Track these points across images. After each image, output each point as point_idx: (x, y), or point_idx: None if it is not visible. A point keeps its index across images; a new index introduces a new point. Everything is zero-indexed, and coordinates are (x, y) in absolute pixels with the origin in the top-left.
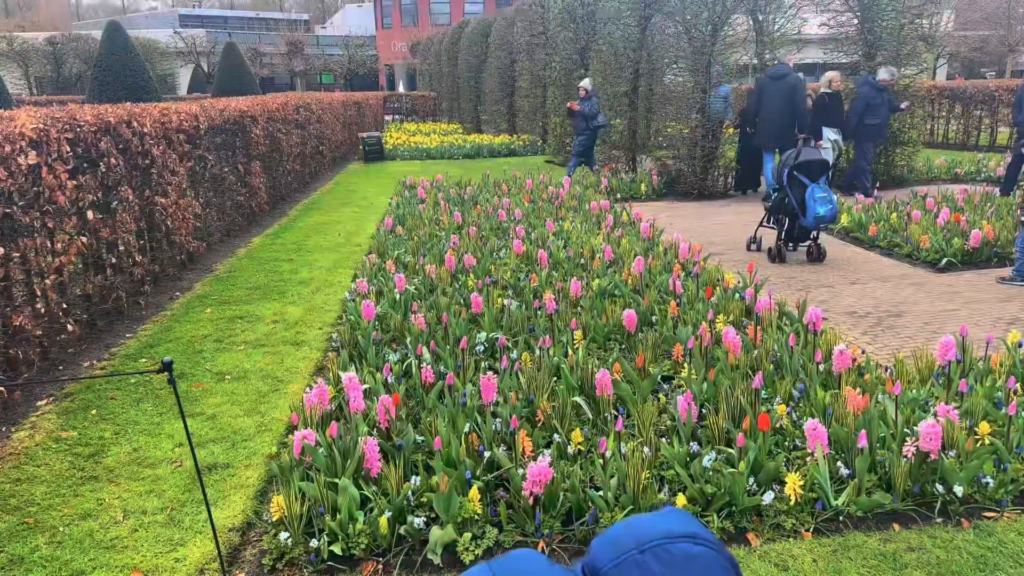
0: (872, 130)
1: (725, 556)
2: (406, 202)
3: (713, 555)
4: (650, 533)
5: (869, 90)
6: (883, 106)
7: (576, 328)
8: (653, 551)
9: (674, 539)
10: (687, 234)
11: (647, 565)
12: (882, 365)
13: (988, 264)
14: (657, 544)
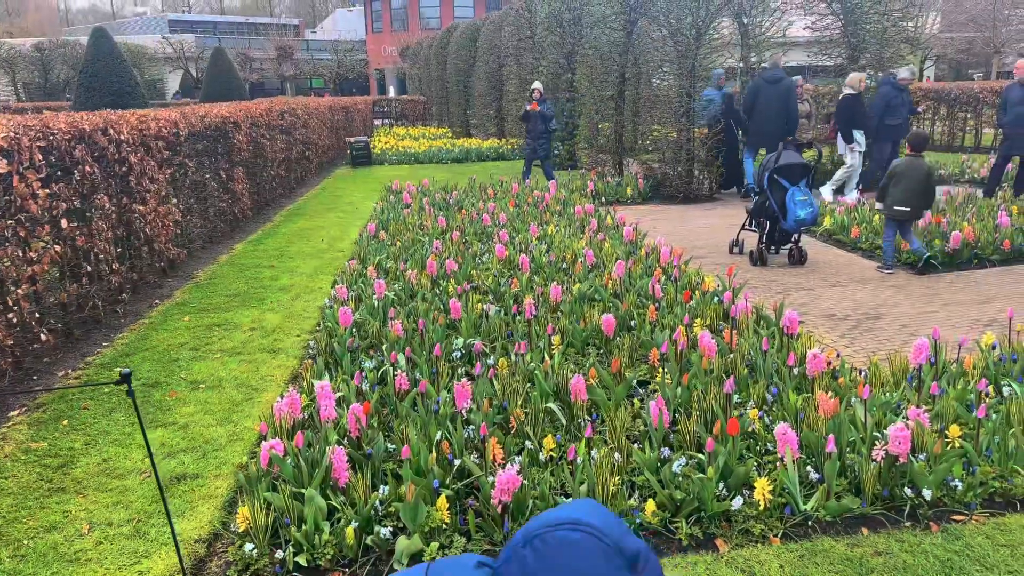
0: (892, 130)
1: (611, 543)
2: (391, 207)
3: (593, 541)
4: (539, 524)
5: (890, 90)
6: (903, 106)
7: (553, 333)
8: (532, 543)
9: (556, 527)
10: (671, 237)
11: (525, 559)
12: (857, 368)
13: (969, 265)
14: (538, 535)
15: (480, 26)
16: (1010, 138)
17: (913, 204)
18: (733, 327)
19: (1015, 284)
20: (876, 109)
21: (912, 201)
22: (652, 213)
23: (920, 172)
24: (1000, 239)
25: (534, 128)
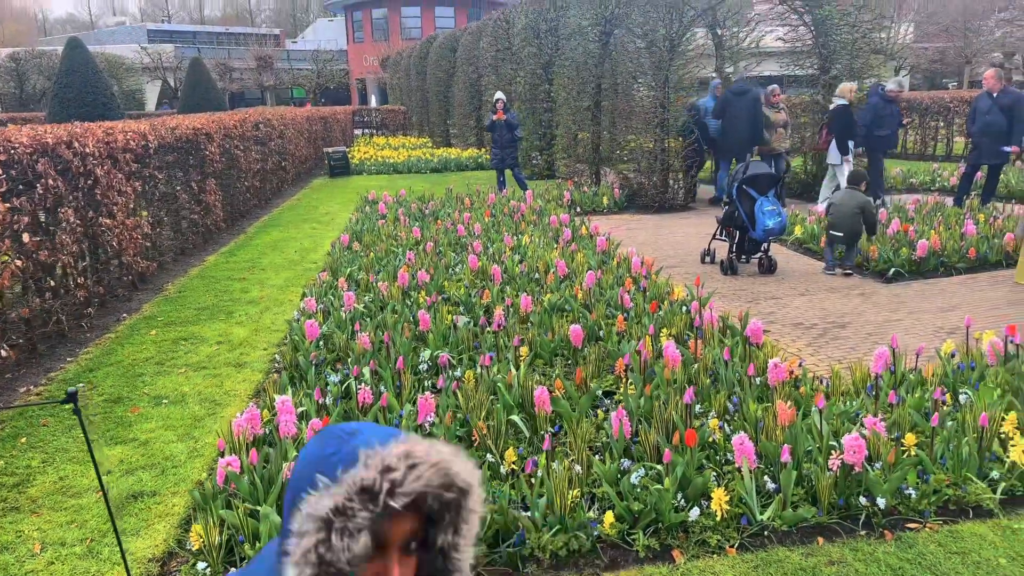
0: (881, 141)
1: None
2: (366, 218)
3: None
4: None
5: (878, 101)
6: (891, 117)
7: (520, 345)
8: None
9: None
10: (645, 247)
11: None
12: (819, 377)
13: (935, 273)
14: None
15: (459, 36)
16: (978, 147)
17: (845, 230)
18: (699, 337)
19: (979, 292)
20: (865, 120)
21: (844, 228)
22: (627, 223)
23: (852, 204)
24: (966, 247)
25: (500, 137)
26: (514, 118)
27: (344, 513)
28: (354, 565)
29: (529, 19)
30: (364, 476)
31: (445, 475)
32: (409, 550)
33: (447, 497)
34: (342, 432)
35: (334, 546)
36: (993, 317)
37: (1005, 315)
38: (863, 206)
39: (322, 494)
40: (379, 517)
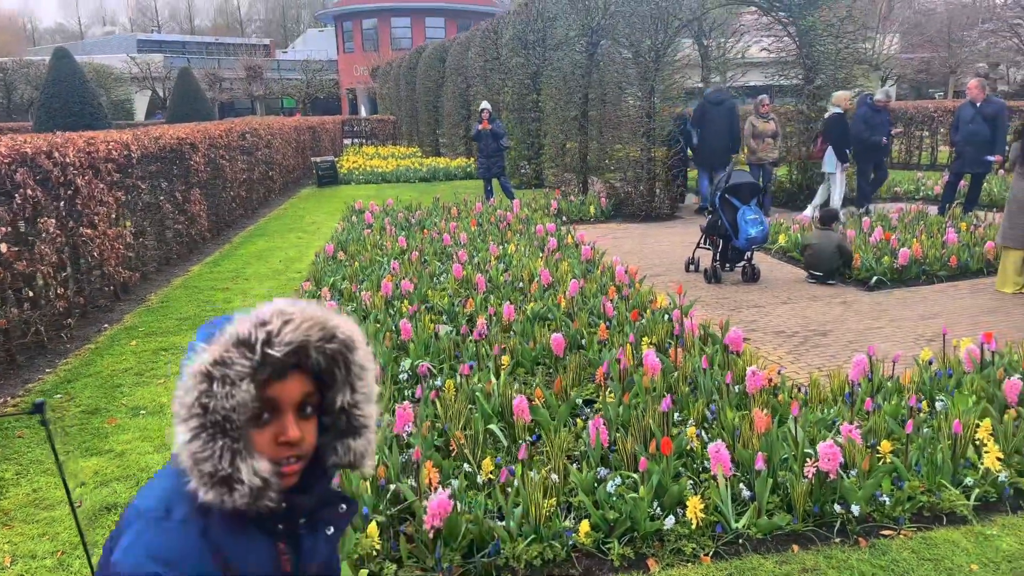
0: (872, 150)
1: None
2: (352, 227)
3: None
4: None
5: (867, 111)
6: (881, 127)
7: (501, 354)
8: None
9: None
10: (631, 255)
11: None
12: (799, 384)
13: (917, 281)
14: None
15: (448, 47)
16: (962, 156)
17: (824, 269)
18: (680, 345)
19: (959, 299)
20: (855, 130)
21: (823, 267)
22: (614, 232)
23: (830, 245)
24: (947, 255)
25: (486, 147)
26: (500, 127)
27: (223, 363)
28: (239, 413)
29: (517, 30)
30: (240, 329)
31: (323, 327)
32: (305, 413)
33: (329, 349)
34: (223, 318)
35: (215, 392)
36: (973, 325)
37: (985, 322)
38: (839, 245)
39: (201, 353)
40: (260, 367)
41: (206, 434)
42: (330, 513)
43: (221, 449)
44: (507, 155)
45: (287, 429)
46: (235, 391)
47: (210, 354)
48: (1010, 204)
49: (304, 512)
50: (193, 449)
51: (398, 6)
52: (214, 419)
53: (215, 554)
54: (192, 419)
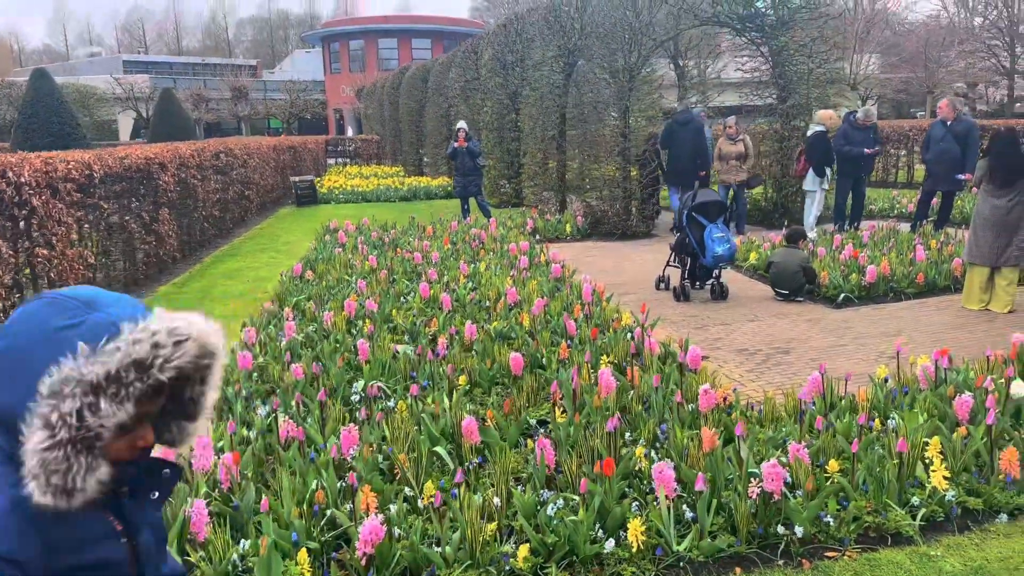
0: (851, 167)
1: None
2: (325, 247)
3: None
4: None
5: (847, 128)
6: (862, 144)
7: (456, 374)
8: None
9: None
10: (604, 274)
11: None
12: (753, 403)
13: (884, 299)
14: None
15: (431, 67)
16: (933, 174)
17: (788, 287)
18: (639, 363)
19: (925, 317)
20: (836, 145)
21: (787, 285)
22: (589, 250)
23: (793, 263)
24: (914, 273)
25: (463, 165)
26: (476, 146)
27: (118, 381)
28: (114, 431)
29: (495, 50)
30: (138, 351)
31: (203, 346)
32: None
33: (203, 363)
34: (76, 302)
35: (102, 410)
36: (936, 341)
37: (949, 339)
38: (803, 264)
39: (89, 360)
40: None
41: (71, 448)
42: (155, 481)
43: (80, 465)
44: (486, 174)
45: (147, 435)
46: (120, 411)
47: (103, 367)
48: (975, 222)
49: (129, 482)
50: (47, 458)
51: (385, 27)
52: (86, 435)
53: (40, 532)
54: (61, 430)
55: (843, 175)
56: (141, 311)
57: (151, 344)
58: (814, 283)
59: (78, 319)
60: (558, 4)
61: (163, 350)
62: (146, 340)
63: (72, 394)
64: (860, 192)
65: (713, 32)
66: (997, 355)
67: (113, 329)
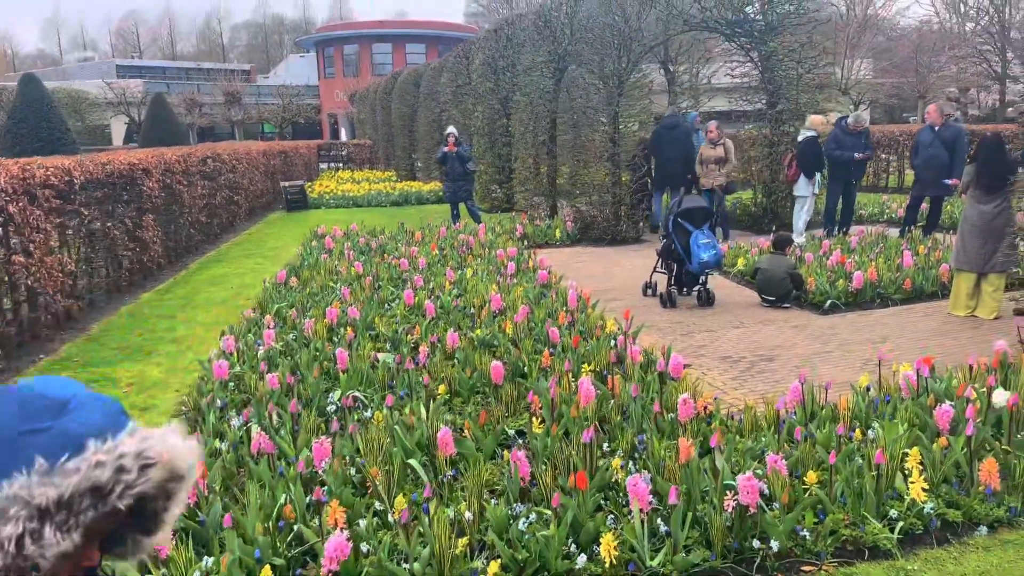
0: (842, 172)
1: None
2: (311, 252)
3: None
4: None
5: (838, 133)
6: (853, 149)
7: (437, 383)
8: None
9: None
10: (592, 279)
11: None
12: (736, 412)
13: (872, 305)
14: None
15: (423, 72)
16: (921, 180)
17: (775, 294)
18: (622, 372)
19: (912, 323)
20: (826, 149)
21: (774, 292)
22: (578, 255)
23: (780, 269)
24: (902, 278)
25: (452, 170)
26: (466, 151)
27: (69, 508)
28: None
29: (486, 55)
30: (99, 475)
31: (172, 471)
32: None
33: (169, 487)
34: (47, 402)
35: (45, 539)
36: (922, 348)
37: (934, 345)
38: (790, 270)
39: (43, 480)
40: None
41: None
42: None
43: None
44: (477, 178)
45: (92, 557)
46: (66, 540)
47: (56, 490)
48: (962, 227)
49: None
50: None
51: (379, 32)
52: (21, 565)
53: None
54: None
55: (834, 180)
56: (114, 422)
57: (114, 469)
58: (801, 289)
59: (45, 424)
60: (548, 9)
61: (126, 475)
62: (110, 464)
63: (16, 516)
64: (850, 197)
65: (703, 37)
66: (980, 363)
67: (77, 444)
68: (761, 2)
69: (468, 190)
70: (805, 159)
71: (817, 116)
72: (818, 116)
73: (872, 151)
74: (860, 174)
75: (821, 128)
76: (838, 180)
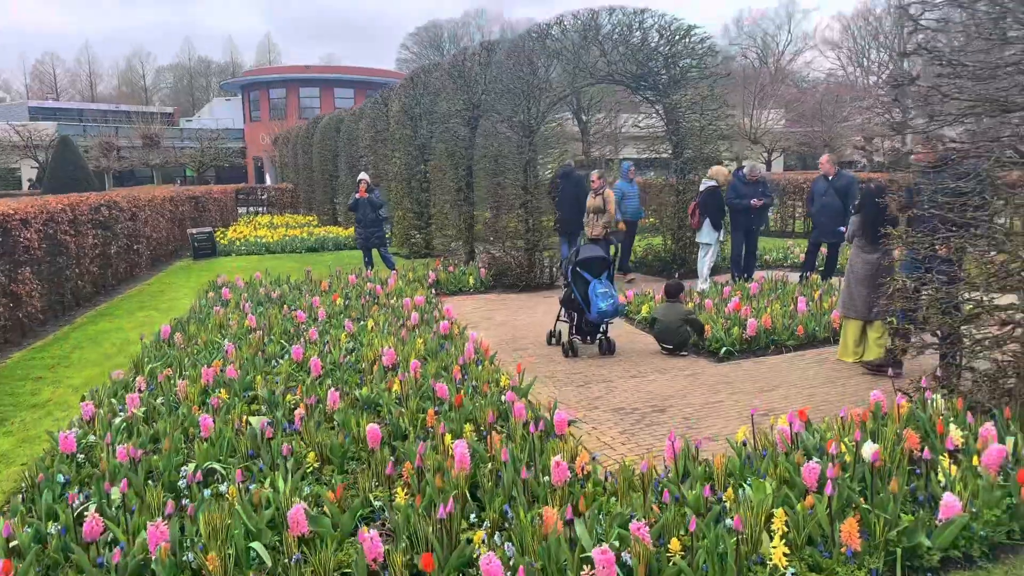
0: (742, 220)
1: None
2: (205, 305)
3: None
4: None
5: (737, 183)
6: (751, 198)
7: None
8: None
9: None
10: (501, 327)
11: None
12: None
13: (766, 351)
14: None
15: (343, 117)
16: (818, 226)
17: (673, 342)
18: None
19: (802, 370)
20: (727, 197)
21: (672, 340)
22: (490, 302)
23: (676, 317)
24: (795, 325)
25: (364, 216)
26: (378, 197)
27: None
28: None
29: (403, 103)
30: None
31: None
32: None
33: None
34: None
35: None
36: (809, 396)
37: (821, 392)
38: (685, 317)
39: None
40: None
41: None
42: None
43: None
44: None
45: None
46: None
47: None
48: (848, 276)
49: None
50: None
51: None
52: None
53: None
54: None
55: (736, 228)
56: None
57: None
58: (702, 335)
59: None
60: (461, 60)
61: None
62: None
63: None
64: (752, 244)
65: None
66: (853, 414)
67: None
68: (664, 57)
69: (380, 236)
70: (707, 207)
71: (717, 167)
72: (718, 167)
73: (771, 198)
74: (761, 221)
75: (721, 178)
76: (740, 228)
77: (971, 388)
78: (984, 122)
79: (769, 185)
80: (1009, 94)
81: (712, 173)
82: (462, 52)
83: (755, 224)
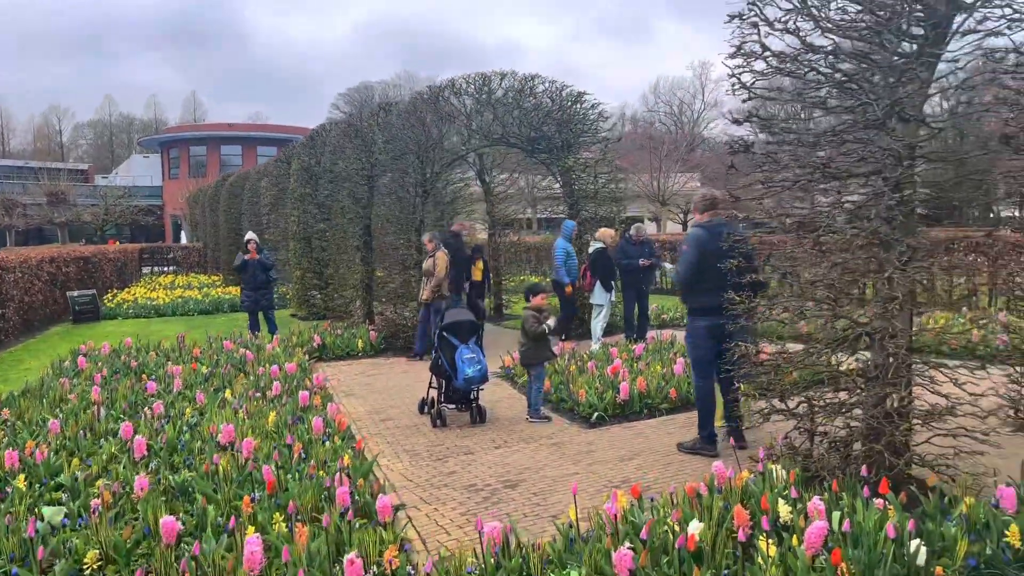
0: (632, 279)
1: None
2: (57, 375)
3: None
4: None
5: (624, 244)
6: (639, 259)
7: (89, 546)
8: None
9: None
10: (378, 395)
11: None
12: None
13: (639, 416)
14: None
15: (248, 175)
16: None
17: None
18: (305, 522)
19: (667, 437)
20: (615, 258)
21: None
22: (377, 367)
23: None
24: (668, 388)
25: (254, 278)
26: (268, 259)
27: None
28: None
29: (303, 161)
30: None
31: None
32: None
33: None
34: None
35: None
36: (666, 465)
37: (677, 462)
38: (523, 324)
39: None
40: None
41: None
42: None
43: None
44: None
45: None
46: None
47: None
48: None
49: None
50: None
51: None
52: None
53: None
54: None
55: (627, 288)
56: None
57: None
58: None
59: None
60: (359, 119)
61: None
62: None
63: None
64: (643, 304)
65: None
66: (688, 489)
67: None
68: (557, 122)
69: (270, 299)
70: (596, 268)
71: (605, 229)
72: (606, 229)
73: (658, 259)
74: (649, 281)
75: (609, 240)
76: (630, 287)
77: (824, 454)
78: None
79: (655, 245)
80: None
81: (599, 235)
82: (359, 112)
83: (643, 284)
